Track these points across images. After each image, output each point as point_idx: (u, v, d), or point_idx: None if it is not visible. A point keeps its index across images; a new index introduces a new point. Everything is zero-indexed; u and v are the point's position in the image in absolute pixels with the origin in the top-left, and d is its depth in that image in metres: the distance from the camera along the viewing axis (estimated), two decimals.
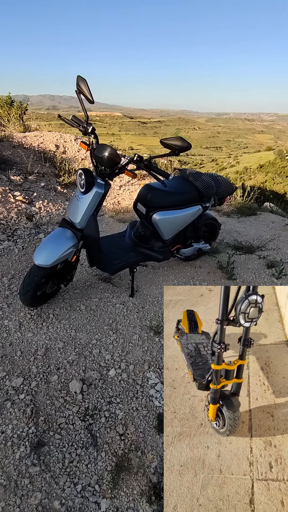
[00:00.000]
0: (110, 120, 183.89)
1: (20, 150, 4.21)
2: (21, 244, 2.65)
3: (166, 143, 1.66)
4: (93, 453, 1.43)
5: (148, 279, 2.55)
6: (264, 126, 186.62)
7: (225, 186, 2.55)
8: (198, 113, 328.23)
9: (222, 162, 75.87)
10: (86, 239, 1.89)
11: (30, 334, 1.89)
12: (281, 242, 3.49)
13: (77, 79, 1.78)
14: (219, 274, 2.71)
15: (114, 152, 1.74)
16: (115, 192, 4.20)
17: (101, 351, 1.87)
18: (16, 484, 1.29)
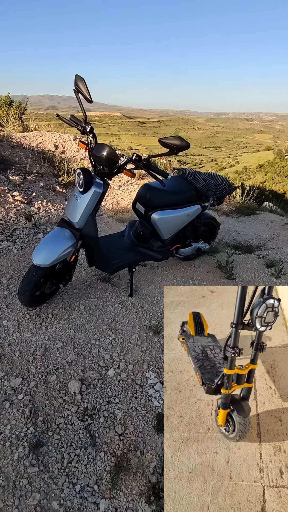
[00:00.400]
0: (110, 120, 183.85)
1: (19, 150, 4.20)
2: (20, 244, 2.64)
3: (165, 143, 1.66)
4: (92, 453, 1.42)
5: (147, 279, 2.54)
6: (264, 126, 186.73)
7: (224, 186, 2.55)
8: (198, 113, 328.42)
9: (221, 162, 75.91)
10: (85, 238, 1.89)
11: (29, 334, 1.89)
12: (280, 242, 3.49)
13: (76, 79, 1.77)
14: (218, 274, 2.70)
15: (112, 152, 1.74)
16: (114, 191, 4.20)
17: (100, 351, 1.87)
18: (14, 484, 1.28)
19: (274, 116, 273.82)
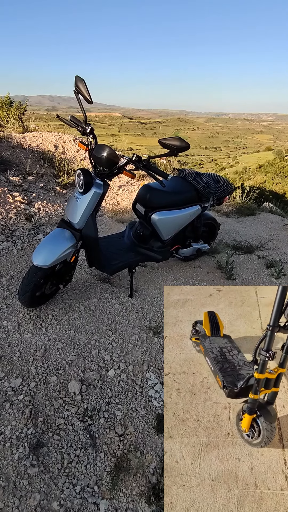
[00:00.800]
0: (110, 120, 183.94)
1: (19, 150, 4.21)
2: (20, 245, 2.64)
3: (165, 143, 1.66)
4: (92, 453, 1.42)
5: (147, 280, 2.55)
6: (263, 126, 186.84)
7: (224, 186, 2.55)
8: (197, 113, 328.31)
9: (221, 162, 75.95)
10: (85, 239, 1.89)
11: (29, 335, 1.89)
12: (280, 242, 3.49)
13: (76, 79, 1.78)
14: (218, 274, 2.71)
15: (112, 152, 1.74)
16: (114, 192, 4.20)
17: (100, 352, 1.87)
18: (14, 485, 1.28)
19: (274, 116, 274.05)
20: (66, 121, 1.93)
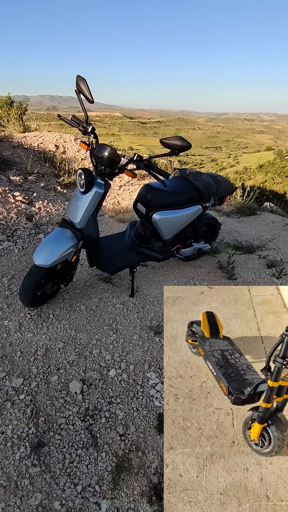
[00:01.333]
0: (110, 120, 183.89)
1: (19, 150, 4.21)
2: (21, 245, 2.65)
3: (166, 143, 1.66)
4: (94, 453, 1.42)
5: (148, 279, 2.54)
6: (264, 126, 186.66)
7: (225, 186, 2.55)
8: (198, 113, 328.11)
9: (222, 162, 75.89)
10: (86, 239, 1.89)
11: (30, 335, 1.89)
12: (281, 242, 3.49)
13: (77, 79, 1.77)
14: (219, 274, 2.70)
15: (114, 152, 1.74)
16: (115, 192, 4.20)
17: (101, 351, 1.87)
18: (16, 484, 1.28)
19: (274, 116, 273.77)
20: (67, 120, 1.92)
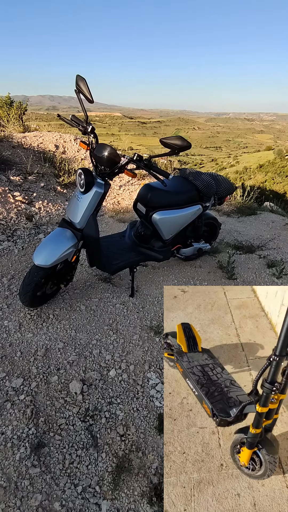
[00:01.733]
0: (110, 120, 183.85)
1: (19, 150, 4.20)
2: (20, 245, 2.64)
3: (166, 143, 1.65)
4: (94, 454, 1.42)
5: (148, 279, 2.54)
6: (264, 126, 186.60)
7: (225, 186, 2.54)
8: (198, 113, 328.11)
9: (222, 162, 75.87)
10: (86, 239, 1.88)
11: (30, 335, 1.88)
12: (281, 242, 3.48)
13: (77, 78, 1.77)
14: (219, 274, 2.70)
15: (113, 152, 1.74)
16: (115, 192, 4.19)
17: (101, 352, 1.86)
18: (16, 485, 1.28)
19: (274, 116, 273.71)
20: (67, 120, 1.92)
